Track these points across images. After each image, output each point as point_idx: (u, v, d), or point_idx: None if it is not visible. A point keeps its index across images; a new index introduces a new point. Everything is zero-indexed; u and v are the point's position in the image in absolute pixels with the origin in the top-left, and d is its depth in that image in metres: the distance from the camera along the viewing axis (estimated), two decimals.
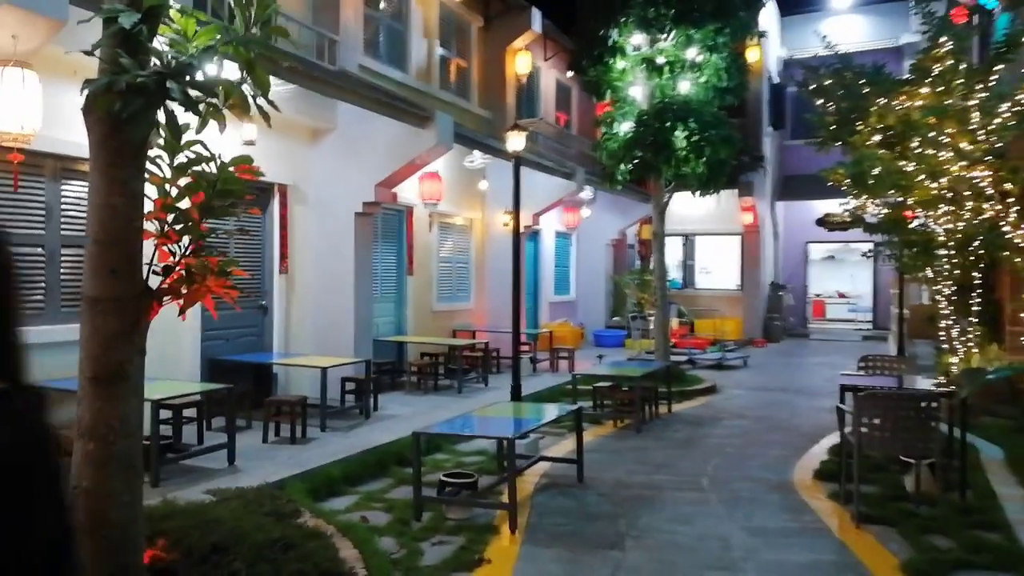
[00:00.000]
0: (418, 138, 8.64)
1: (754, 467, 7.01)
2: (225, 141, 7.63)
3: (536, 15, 13.67)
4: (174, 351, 7.43)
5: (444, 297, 12.38)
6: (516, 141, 7.69)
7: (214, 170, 3.22)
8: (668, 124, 10.53)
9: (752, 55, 15.53)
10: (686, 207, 19.99)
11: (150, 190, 3.13)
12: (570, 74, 16.02)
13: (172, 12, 2.97)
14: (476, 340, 11.67)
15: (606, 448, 7.78)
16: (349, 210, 9.06)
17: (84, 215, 3.07)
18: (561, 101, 17.35)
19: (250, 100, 3.25)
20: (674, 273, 20.79)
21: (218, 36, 2.97)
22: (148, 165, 3.13)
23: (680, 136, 10.80)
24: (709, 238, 20.59)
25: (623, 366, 10.00)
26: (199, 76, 2.98)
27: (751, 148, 17.77)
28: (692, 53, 10.98)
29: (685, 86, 11.26)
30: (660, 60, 10.88)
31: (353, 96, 7.82)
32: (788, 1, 21.78)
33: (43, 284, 6.33)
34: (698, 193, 11.67)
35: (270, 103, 3.30)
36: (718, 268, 20.57)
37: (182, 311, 3.23)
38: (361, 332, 9.20)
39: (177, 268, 3.14)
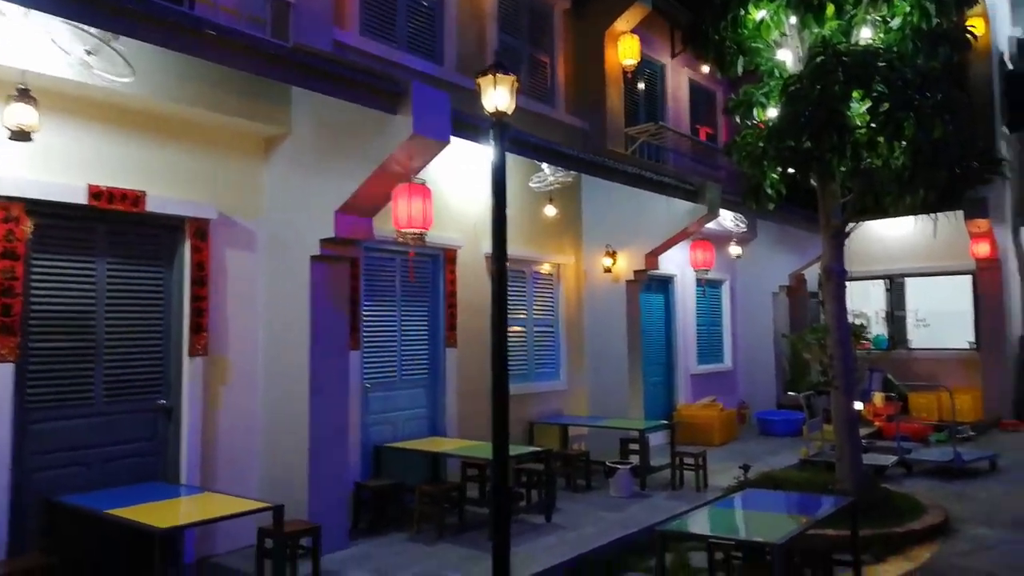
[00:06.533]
0: (388, 129, 5.29)
1: None
2: None
3: None
4: None
5: (512, 375, 8.65)
6: (495, 96, 4.08)
7: None
8: (837, 88, 6.32)
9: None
10: (889, 235, 14.98)
11: None
12: (706, 69, 12.10)
13: None
14: (551, 443, 7.88)
15: None
16: (306, 254, 5.85)
17: None
18: (702, 110, 13.33)
19: None
20: (877, 328, 15.58)
21: None
22: None
23: (859, 108, 6.55)
24: (925, 280, 15.19)
25: (757, 506, 5.72)
26: None
27: (981, 150, 12.54)
28: None
29: (867, 33, 7.03)
30: None
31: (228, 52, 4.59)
32: None
33: None
34: (899, 206, 7.19)
35: None
36: (941, 320, 15.05)
37: None
38: (329, 439, 5.83)
39: None
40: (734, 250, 11.73)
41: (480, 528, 6.51)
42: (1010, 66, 15.59)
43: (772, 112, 7.48)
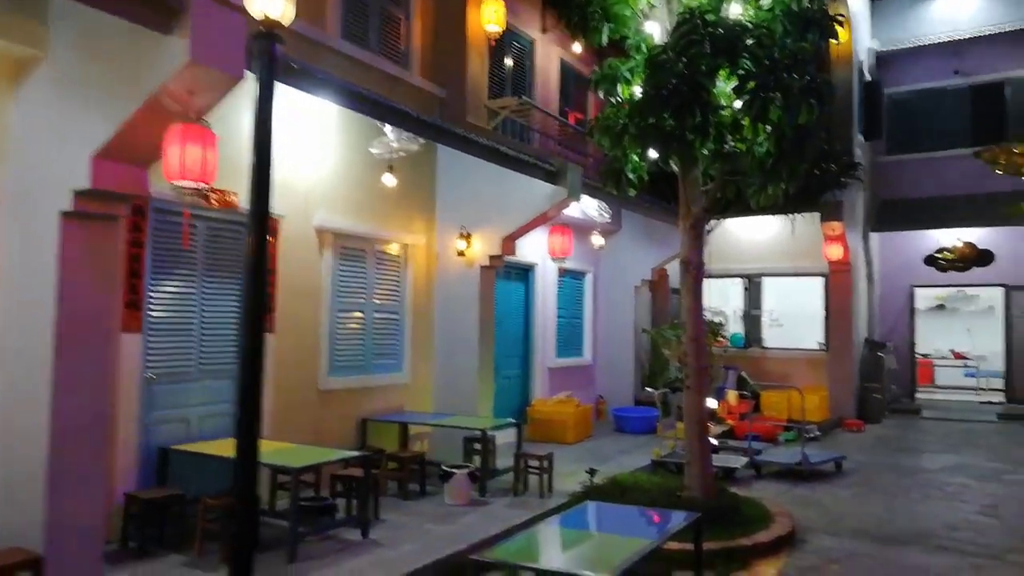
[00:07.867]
0: (162, 54, 4.19)
1: None
2: None
3: None
4: None
5: (345, 367, 7.74)
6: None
7: None
8: (703, 62, 5.76)
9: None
10: (749, 236, 15.10)
11: None
12: (578, 48, 11.49)
13: None
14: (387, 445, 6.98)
15: None
16: (56, 210, 4.61)
17: None
18: (573, 94, 12.75)
19: None
20: (735, 327, 15.70)
21: None
22: None
23: (725, 87, 6.04)
24: (780, 280, 15.43)
25: (597, 523, 5.10)
26: None
27: (838, 154, 12.73)
28: None
29: (736, 10, 6.54)
30: None
31: None
32: None
33: None
34: (760, 197, 6.72)
35: None
36: (794, 321, 15.34)
37: None
38: (78, 442, 4.64)
39: None
40: (597, 240, 11.23)
41: (283, 547, 5.51)
42: (868, 77, 16.12)
43: (637, 90, 6.89)
